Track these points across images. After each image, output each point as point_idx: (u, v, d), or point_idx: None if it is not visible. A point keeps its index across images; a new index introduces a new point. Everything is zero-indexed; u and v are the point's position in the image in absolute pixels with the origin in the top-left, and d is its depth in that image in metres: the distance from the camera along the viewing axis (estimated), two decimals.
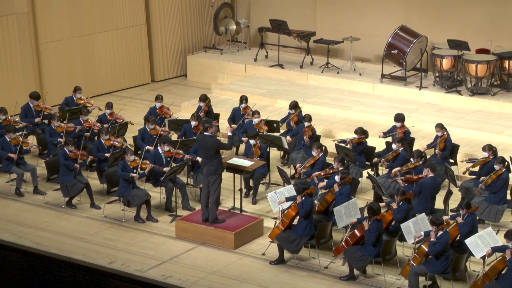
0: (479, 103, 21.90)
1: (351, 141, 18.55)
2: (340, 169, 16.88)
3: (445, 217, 15.70)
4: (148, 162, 17.49)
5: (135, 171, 17.21)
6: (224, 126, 20.23)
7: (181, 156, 17.93)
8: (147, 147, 18.73)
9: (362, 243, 15.22)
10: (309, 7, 25.73)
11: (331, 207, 16.20)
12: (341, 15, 25.17)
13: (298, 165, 17.84)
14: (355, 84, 23.39)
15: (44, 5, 23.20)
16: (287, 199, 16.07)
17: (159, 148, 17.87)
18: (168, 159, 17.74)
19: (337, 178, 16.47)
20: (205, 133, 16.50)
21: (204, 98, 20.44)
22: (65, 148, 17.79)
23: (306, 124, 19.09)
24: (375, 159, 18.36)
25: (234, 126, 20.01)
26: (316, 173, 17.25)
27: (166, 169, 17.40)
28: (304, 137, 18.91)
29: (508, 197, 17.04)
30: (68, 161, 17.66)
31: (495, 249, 14.41)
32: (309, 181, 16.74)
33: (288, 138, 19.23)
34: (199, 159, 17.70)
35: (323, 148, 18.12)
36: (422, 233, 14.99)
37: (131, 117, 21.20)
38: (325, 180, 17.12)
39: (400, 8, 24.34)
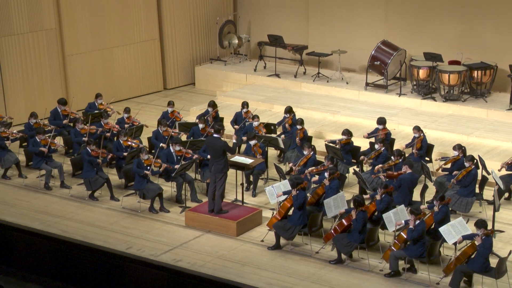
0: (451, 108, 21.88)
1: (340, 142, 18.55)
2: (329, 166, 16.88)
3: (422, 207, 15.71)
4: (160, 161, 17.49)
5: (148, 168, 17.20)
6: (227, 128, 20.24)
7: (190, 155, 17.91)
8: (161, 144, 18.76)
9: (349, 231, 15.21)
10: (302, 24, 25.72)
11: (321, 200, 16.19)
12: (330, 31, 25.15)
13: (291, 164, 17.79)
14: (343, 92, 23.36)
15: (70, 22, 23.20)
16: (284, 193, 16.07)
17: (170, 147, 17.86)
18: (179, 157, 17.73)
19: (326, 174, 16.46)
20: (215, 135, 16.48)
21: (212, 104, 20.41)
22: (87, 148, 17.79)
23: (298, 127, 19.08)
24: (361, 157, 18.34)
25: (236, 127, 20.03)
26: (310, 169, 17.23)
27: (177, 166, 17.39)
28: (296, 139, 18.89)
29: (477, 190, 17.04)
30: (91, 157, 17.67)
31: (465, 237, 14.42)
32: (303, 177, 16.71)
33: (282, 136, 19.27)
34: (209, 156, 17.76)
35: (313, 147, 18.11)
36: (403, 221, 14.99)
37: (146, 120, 21.17)
38: (317, 176, 17.09)
39: (382, 25, 24.33)
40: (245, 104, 20.40)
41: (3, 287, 13.87)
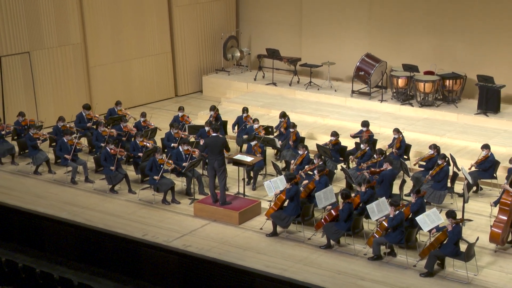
0: (426, 112, 21.88)
1: (330, 142, 18.55)
2: (319, 163, 16.88)
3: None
4: (171, 162, 17.47)
5: (161, 166, 17.13)
6: (228, 131, 20.28)
7: (197, 153, 17.91)
8: (172, 144, 18.76)
9: (337, 220, 15.21)
10: (296, 38, 25.72)
11: (312, 193, 16.18)
12: (320, 45, 25.16)
13: (292, 162, 17.67)
14: (332, 98, 23.35)
15: (93, 38, 23.20)
16: (280, 191, 16.04)
17: (180, 147, 17.87)
18: (187, 155, 17.73)
19: (315, 172, 16.42)
20: (214, 134, 16.51)
21: (213, 108, 20.44)
22: (107, 147, 17.79)
23: (291, 130, 19.07)
24: (351, 157, 18.24)
25: (236, 130, 20.02)
26: (305, 169, 17.17)
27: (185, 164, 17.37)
28: (290, 141, 18.88)
29: (449, 184, 17.03)
30: (106, 162, 17.59)
31: (438, 229, 14.46)
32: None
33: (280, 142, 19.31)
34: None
35: (306, 146, 18.09)
36: (384, 217, 15.00)
37: (159, 123, 21.16)
38: (310, 172, 17.08)
39: (365, 40, 24.32)
40: (245, 109, 20.39)
41: (35, 269, 13.86)
